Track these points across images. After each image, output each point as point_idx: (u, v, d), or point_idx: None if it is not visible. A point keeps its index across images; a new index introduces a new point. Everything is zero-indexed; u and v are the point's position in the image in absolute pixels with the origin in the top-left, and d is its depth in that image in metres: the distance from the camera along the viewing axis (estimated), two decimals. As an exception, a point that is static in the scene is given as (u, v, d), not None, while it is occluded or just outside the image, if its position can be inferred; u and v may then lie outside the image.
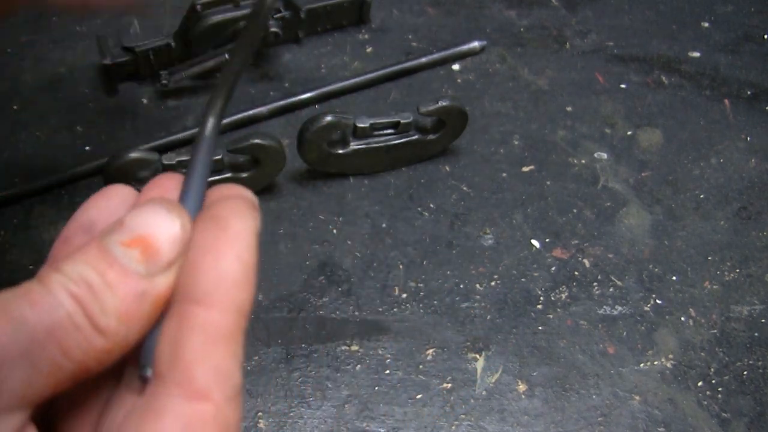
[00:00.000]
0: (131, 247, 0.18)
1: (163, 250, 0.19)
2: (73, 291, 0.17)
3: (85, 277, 0.18)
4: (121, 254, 0.18)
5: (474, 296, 0.42)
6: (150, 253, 0.19)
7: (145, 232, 0.19)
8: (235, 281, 0.19)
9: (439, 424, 0.37)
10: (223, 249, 0.19)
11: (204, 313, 0.19)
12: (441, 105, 0.45)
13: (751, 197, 0.49)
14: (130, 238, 0.18)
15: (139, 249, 0.18)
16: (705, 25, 0.62)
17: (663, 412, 0.38)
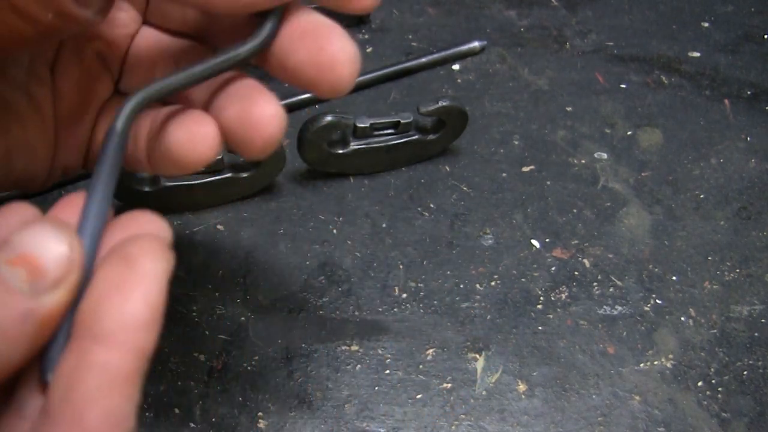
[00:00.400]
0: (16, 265, 0.18)
1: (49, 268, 0.18)
2: None
3: None
4: (5, 273, 0.18)
5: (474, 296, 0.42)
6: (35, 272, 0.18)
7: (31, 250, 0.18)
8: (139, 323, 0.18)
9: (439, 424, 0.37)
10: (130, 289, 0.19)
11: (104, 354, 0.18)
12: (441, 105, 0.45)
13: (751, 197, 0.49)
14: (15, 255, 0.18)
15: (25, 268, 0.18)
16: (705, 25, 0.62)
17: (663, 412, 0.38)
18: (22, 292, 0.18)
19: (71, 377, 0.18)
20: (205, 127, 0.25)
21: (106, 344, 0.18)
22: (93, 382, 0.18)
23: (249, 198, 0.46)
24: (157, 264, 0.19)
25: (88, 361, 0.18)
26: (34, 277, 0.18)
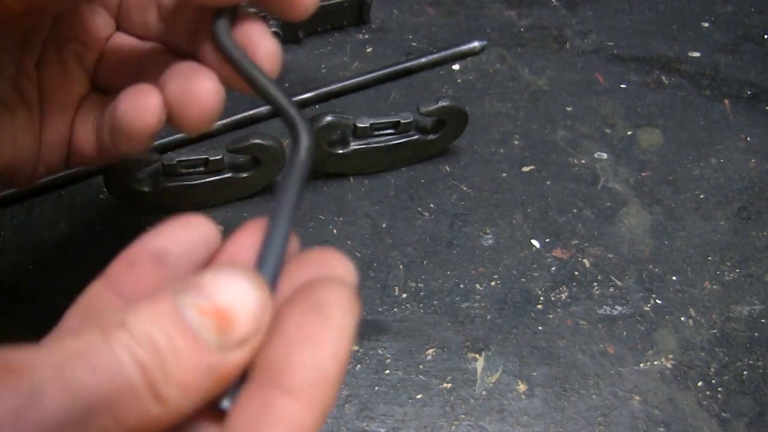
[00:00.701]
0: (206, 315, 0.17)
1: (240, 325, 0.18)
2: (139, 356, 0.16)
3: (153, 340, 0.16)
4: (195, 321, 0.17)
5: (474, 296, 0.42)
6: (225, 326, 0.17)
7: (224, 302, 0.17)
8: (328, 379, 0.18)
9: (439, 424, 0.37)
10: (322, 342, 0.18)
11: (291, 406, 0.17)
12: (441, 105, 0.45)
13: (751, 197, 0.49)
14: (208, 305, 0.17)
15: (216, 320, 0.17)
16: (705, 25, 0.62)
17: (663, 412, 0.38)
18: (209, 346, 0.17)
19: (255, 425, 0.17)
20: (149, 97, 0.26)
21: (294, 397, 0.17)
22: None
23: (249, 198, 0.46)
24: (349, 316, 0.18)
25: (274, 413, 0.17)
26: (223, 332, 0.17)
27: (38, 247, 0.42)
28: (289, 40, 0.56)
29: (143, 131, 0.26)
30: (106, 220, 0.44)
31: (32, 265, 0.41)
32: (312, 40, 0.57)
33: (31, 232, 0.43)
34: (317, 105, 0.52)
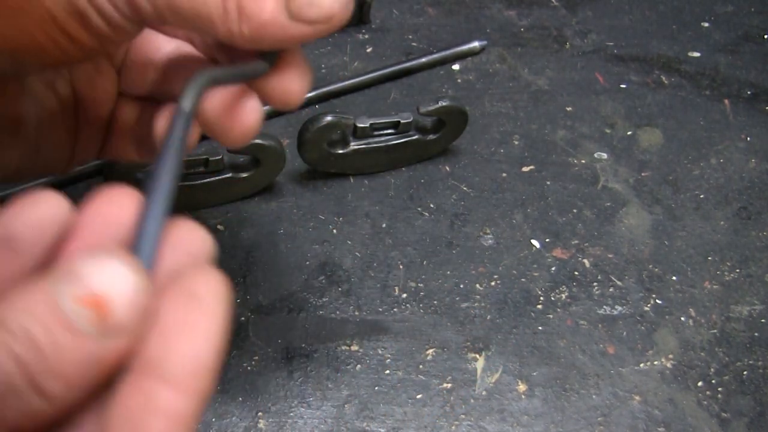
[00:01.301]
0: (84, 305, 0.17)
1: (118, 312, 0.17)
2: (17, 352, 0.16)
3: (30, 334, 0.16)
4: (72, 311, 0.16)
5: (474, 296, 0.42)
6: (104, 315, 0.17)
7: (101, 290, 0.17)
8: (206, 367, 0.18)
9: (439, 424, 0.37)
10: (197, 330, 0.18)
11: (171, 396, 0.17)
12: (441, 105, 0.45)
13: (751, 197, 0.49)
14: (84, 294, 0.17)
15: (93, 309, 0.17)
16: (705, 25, 0.62)
17: (663, 412, 0.38)
18: (87, 334, 0.17)
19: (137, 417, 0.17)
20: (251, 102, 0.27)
21: (174, 387, 0.17)
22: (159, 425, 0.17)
23: (249, 198, 0.46)
24: (222, 304, 0.19)
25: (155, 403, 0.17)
26: (101, 320, 0.17)
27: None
28: (289, 40, 0.56)
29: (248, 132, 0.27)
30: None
31: (32, 265, 0.41)
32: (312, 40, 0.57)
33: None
34: (317, 105, 0.52)
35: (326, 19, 0.24)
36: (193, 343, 0.18)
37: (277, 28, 0.24)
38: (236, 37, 0.24)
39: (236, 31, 0.24)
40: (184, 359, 0.17)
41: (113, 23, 0.23)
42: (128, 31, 0.24)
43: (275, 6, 0.24)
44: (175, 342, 0.18)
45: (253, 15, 0.24)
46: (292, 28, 0.24)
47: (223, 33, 0.24)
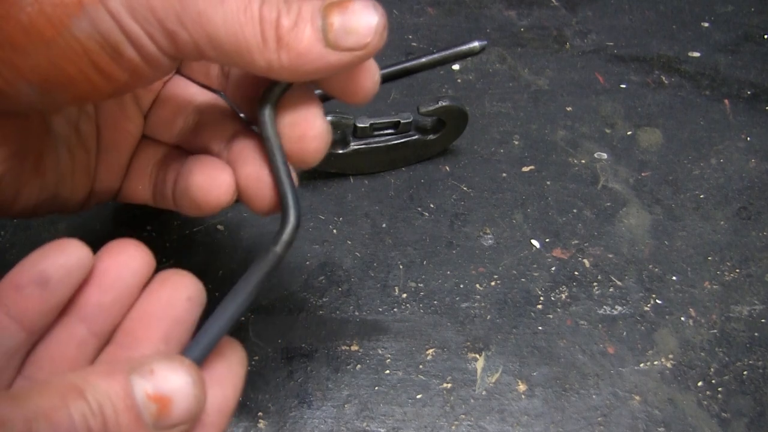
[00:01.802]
0: (152, 400, 0.21)
1: (176, 414, 0.21)
2: (90, 425, 0.19)
3: (104, 412, 0.20)
4: (142, 404, 0.21)
5: (474, 296, 0.42)
6: (164, 412, 0.21)
7: (169, 392, 0.21)
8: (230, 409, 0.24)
9: (439, 424, 0.37)
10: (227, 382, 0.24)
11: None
12: (441, 105, 0.45)
13: (751, 197, 0.49)
14: (155, 392, 0.21)
15: (157, 405, 0.21)
16: (705, 25, 0.62)
17: (663, 412, 0.38)
18: (146, 425, 0.21)
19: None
20: (222, 175, 0.28)
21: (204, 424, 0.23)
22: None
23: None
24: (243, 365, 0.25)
25: None
26: (161, 416, 0.21)
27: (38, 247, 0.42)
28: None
29: (214, 205, 0.28)
30: (105, 220, 0.44)
31: (32, 265, 0.41)
32: (312, 40, 0.57)
33: (31, 232, 0.43)
34: (317, 105, 0.52)
35: (363, 46, 0.25)
36: (223, 392, 0.24)
37: (315, 57, 0.24)
38: (275, 67, 0.24)
39: (275, 61, 0.24)
40: (215, 404, 0.23)
41: (148, 57, 0.23)
42: (163, 66, 0.24)
43: (313, 35, 0.24)
44: (210, 390, 0.23)
45: (292, 44, 0.24)
46: (330, 56, 0.24)
47: (261, 64, 0.24)
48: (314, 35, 0.24)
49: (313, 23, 0.24)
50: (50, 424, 0.18)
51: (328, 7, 0.25)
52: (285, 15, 0.24)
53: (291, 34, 0.24)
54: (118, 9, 0.21)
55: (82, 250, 0.24)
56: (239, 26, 0.23)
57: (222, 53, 0.23)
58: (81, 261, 0.23)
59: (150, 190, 0.32)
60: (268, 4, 0.23)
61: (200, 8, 0.22)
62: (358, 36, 0.24)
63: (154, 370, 0.21)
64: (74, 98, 0.24)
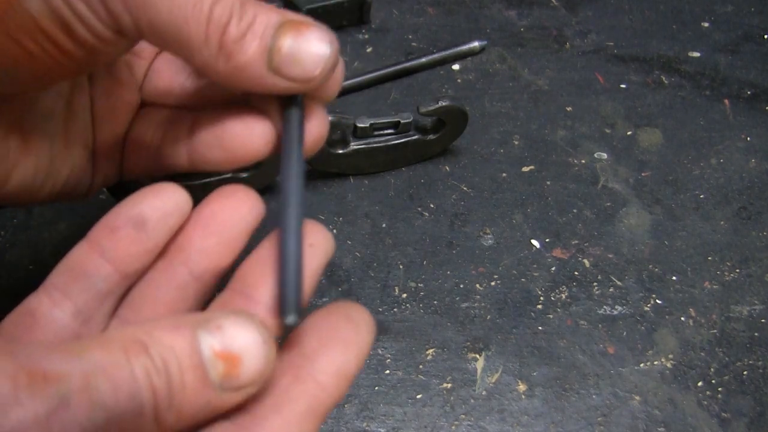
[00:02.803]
0: (219, 358, 0.19)
1: (245, 374, 0.19)
2: (154, 382, 0.18)
3: (168, 369, 0.18)
4: (209, 362, 0.19)
5: (474, 296, 0.42)
6: (233, 372, 0.19)
7: (238, 350, 0.19)
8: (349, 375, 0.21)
9: (439, 424, 0.37)
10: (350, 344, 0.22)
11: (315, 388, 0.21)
12: (441, 105, 0.45)
13: (751, 197, 0.49)
14: (222, 349, 0.19)
15: (226, 364, 0.19)
16: (705, 25, 0.62)
17: (663, 412, 0.38)
18: (213, 385, 0.19)
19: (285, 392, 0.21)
20: (260, 124, 0.26)
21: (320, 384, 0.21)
22: (300, 406, 0.20)
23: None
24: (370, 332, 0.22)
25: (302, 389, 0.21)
26: (229, 376, 0.19)
27: (38, 247, 0.42)
28: (289, 40, 0.56)
29: (253, 156, 0.27)
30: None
31: (32, 265, 0.41)
32: (312, 40, 0.57)
33: (31, 232, 0.43)
34: (317, 105, 0.52)
35: (306, 80, 0.24)
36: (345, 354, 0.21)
37: (253, 75, 0.23)
38: (210, 70, 0.23)
39: (212, 64, 0.23)
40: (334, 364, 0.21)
41: (99, 36, 0.22)
42: (116, 44, 0.23)
43: (258, 52, 0.23)
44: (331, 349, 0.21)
45: (233, 54, 0.23)
46: (269, 79, 0.23)
47: (198, 63, 0.23)
48: (259, 53, 0.23)
49: (262, 39, 0.23)
50: (110, 381, 0.17)
51: (284, 25, 0.24)
52: (236, 21, 0.23)
53: (236, 44, 0.23)
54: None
55: (180, 194, 0.23)
56: (184, 19, 0.22)
57: (162, 41, 0.23)
58: (179, 205, 0.23)
59: (155, 155, 0.31)
60: (221, 5, 0.23)
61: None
62: (304, 68, 0.24)
63: (222, 325, 0.19)
64: (41, 77, 0.23)
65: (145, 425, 0.18)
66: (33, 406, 0.15)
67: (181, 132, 0.29)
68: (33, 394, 0.16)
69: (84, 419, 0.16)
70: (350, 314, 0.22)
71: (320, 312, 0.22)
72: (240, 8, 0.23)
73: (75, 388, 0.16)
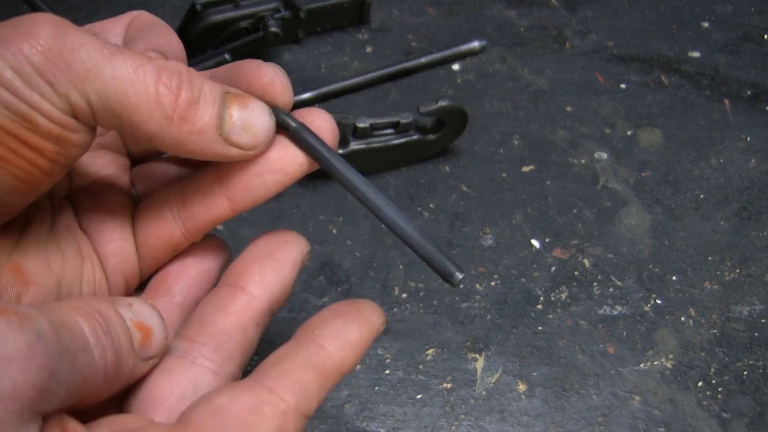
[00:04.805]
0: (137, 328, 0.22)
1: (154, 344, 0.22)
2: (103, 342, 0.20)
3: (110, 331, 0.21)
4: (131, 329, 0.22)
5: (474, 296, 0.42)
6: (146, 341, 0.22)
7: (148, 322, 0.22)
8: (352, 347, 0.23)
9: (439, 424, 0.37)
10: (354, 325, 0.24)
11: (323, 355, 0.23)
12: (441, 105, 0.45)
13: (751, 197, 0.49)
14: (137, 320, 0.22)
15: (141, 333, 0.22)
16: (705, 25, 0.62)
17: (663, 412, 0.38)
18: (135, 352, 0.21)
19: (286, 351, 0.24)
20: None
21: (322, 347, 0.23)
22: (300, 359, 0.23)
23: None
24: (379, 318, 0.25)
25: (311, 357, 0.23)
26: (143, 344, 0.22)
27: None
28: (289, 40, 0.56)
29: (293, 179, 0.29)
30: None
31: (32, 265, 0.41)
32: (312, 40, 0.57)
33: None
34: (317, 105, 0.52)
35: (253, 147, 0.25)
36: (349, 324, 0.24)
37: (206, 141, 0.23)
38: (160, 136, 0.23)
39: (164, 129, 0.23)
40: (338, 332, 0.23)
41: (58, 121, 0.22)
42: (77, 129, 0.22)
43: (212, 119, 0.23)
44: (334, 321, 0.24)
45: (189, 120, 0.23)
46: (218, 146, 0.24)
47: (150, 130, 0.23)
48: (212, 120, 0.23)
49: (215, 107, 0.23)
50: (69, 331, 0.19)
51: (229, 97, 0.24)
52: (187, 87, 0.23)
53: (191, 108, 0.23)
54: (12, 80, 0.21)
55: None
56: (130, 84, 0.22)
57: (113, 115, 0.22)
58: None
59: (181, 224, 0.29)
60: (168, 72, 0.23)
61: (87, 65, 0.21)
62: (254, 136, 0.24)
63: (132, 303, 0.22)
64: (20, 184, 0.23)
65: (96, 381, 0.20)
66: (14, 339, 0.17)
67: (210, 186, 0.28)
68: (12, 329, 0.17)
69: (56, 359, 0.18)
70: (355, 301, 0.25)
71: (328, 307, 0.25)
72: (187, 75, 0.23)
73: (46, 328, 0.18)
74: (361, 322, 0.24)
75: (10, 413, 0.16)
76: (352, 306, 0.24)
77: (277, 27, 0.52)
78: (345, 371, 0.23)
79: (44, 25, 0.21)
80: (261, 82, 0.25)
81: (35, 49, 0.21)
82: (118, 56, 0.22)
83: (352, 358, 0.23)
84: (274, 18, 0.53)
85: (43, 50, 0.21)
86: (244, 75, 0.26)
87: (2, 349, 0.16)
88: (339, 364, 0.23)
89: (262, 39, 0.52)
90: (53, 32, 0.21)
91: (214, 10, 0.51)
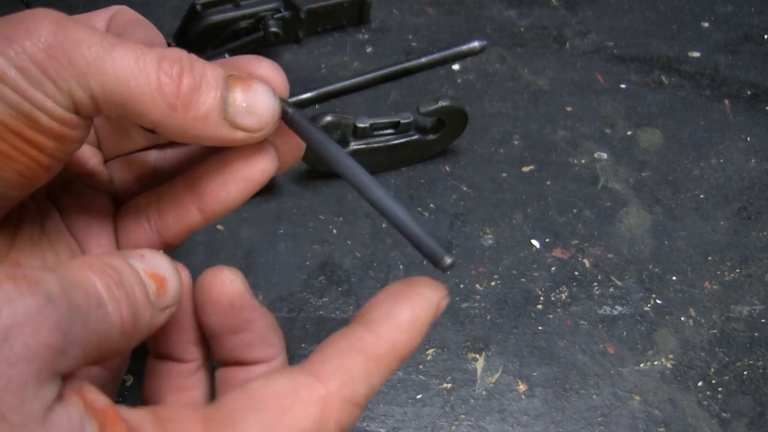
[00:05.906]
0: (151, 278, 0.22)
1: (169, 293, 0.22)
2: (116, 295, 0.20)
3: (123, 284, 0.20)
4: (146, 281, 0.21)
5: (474, 296, 0.42)
6: (161, 290, 0.22)
7: (162, 272, 0.22)
8: (403, 328, 0.23)
9: (439, 424, 0.37)
10: (405, 304, 0.24)
11: (374, 340, 0.23)
12: (441, 105, 0.45)
13: (751, 197, 0.49)
14: (152, 271, 0.22)
15: (156, 283, 0.22)
16: (705, 25, 0.62)
17: (663, 412, 0.38)
18: (151, 303, 0.21)
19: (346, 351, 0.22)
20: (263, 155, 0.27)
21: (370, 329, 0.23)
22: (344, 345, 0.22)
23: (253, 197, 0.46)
24: (434, 301, 0.24)
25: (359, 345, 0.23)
26: (158, 294, 0.22)
27: (38, 247, 0.42)
28: (289, 40, 0.56)
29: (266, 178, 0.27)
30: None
31: (32, 265, 0.41)
32: (312, 40, 0.57)
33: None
34: (317, 105, 0.52)
35: (259, 129, 0.24)
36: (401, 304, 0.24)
37: (211, 126, 0.24)
38: (164, 123, 0.23)
39: (167, 116, 0.23)
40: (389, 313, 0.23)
41: (60, 118, 0.22)
42: (78, 125, 0.23)
43: (215, 103, 0.23)
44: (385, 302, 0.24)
45: (192, 105, 0.23)
46: (224, 130, 0.24)
47: (152, 117, 0.23)
48: (216, 104, 0.23)
49: (217, 91, 0.24)
50: (81, 289, 0.19)
51: (232, 80, 0.24)
52: (188, 74, 0.23)
53: (193, 94, 0.23)
54: (16, 79, 0.21)
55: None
56: (131, 75, 0.22)
57: (117, 106, 0.23)
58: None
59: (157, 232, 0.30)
60: (168, 59, 0.23)
61: (88, 59, 0.22)
62: (259, 118, 0.24)
63: (144, 254, 0.22)
64: (21, 179, 0.23)
65: (114, 336, 0.20)
66: (23, 303, 0.17)
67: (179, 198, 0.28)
68: (21, 293, 0.17)
69: (67, 319, 0.18)
70: (411, 279, 0.24)
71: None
72: (188, 61, 0.24)
73: (55, 290, 0.18)
74: (414, 301, 0.24)
75: (27, 375, 0.17)
76: (405, 284, 0.24)
77: (277, 27, 0.52)
78: (401, 355, 0.23)
79: (44, 21, 0.21)
80: (257, 74, 0.25)
81: (37, 46, 0.21)
82: (119, 48, 0.22)
83: (407, 340, 0.23)
84: (274, 18, 0.53)
85: (44, 47, 0.21)
86: (241, 68, 0.26)
87: (12, 314, 0.17)
88: (390, 348, 0.23)
89: (262, 39, 0.52)
90: (54, 28, 0.21)
91: (214, 10, 0.51)
